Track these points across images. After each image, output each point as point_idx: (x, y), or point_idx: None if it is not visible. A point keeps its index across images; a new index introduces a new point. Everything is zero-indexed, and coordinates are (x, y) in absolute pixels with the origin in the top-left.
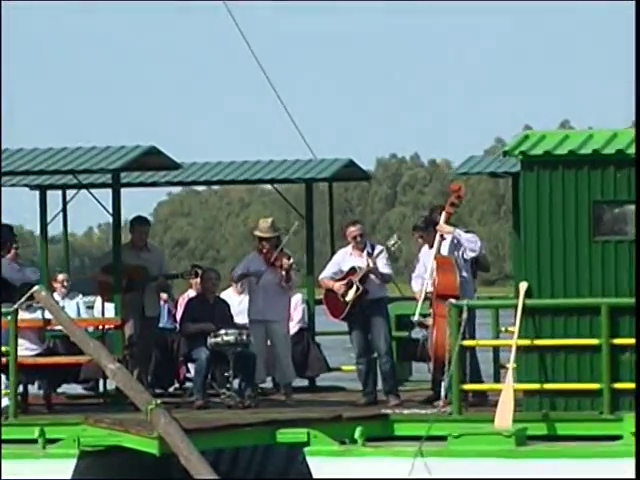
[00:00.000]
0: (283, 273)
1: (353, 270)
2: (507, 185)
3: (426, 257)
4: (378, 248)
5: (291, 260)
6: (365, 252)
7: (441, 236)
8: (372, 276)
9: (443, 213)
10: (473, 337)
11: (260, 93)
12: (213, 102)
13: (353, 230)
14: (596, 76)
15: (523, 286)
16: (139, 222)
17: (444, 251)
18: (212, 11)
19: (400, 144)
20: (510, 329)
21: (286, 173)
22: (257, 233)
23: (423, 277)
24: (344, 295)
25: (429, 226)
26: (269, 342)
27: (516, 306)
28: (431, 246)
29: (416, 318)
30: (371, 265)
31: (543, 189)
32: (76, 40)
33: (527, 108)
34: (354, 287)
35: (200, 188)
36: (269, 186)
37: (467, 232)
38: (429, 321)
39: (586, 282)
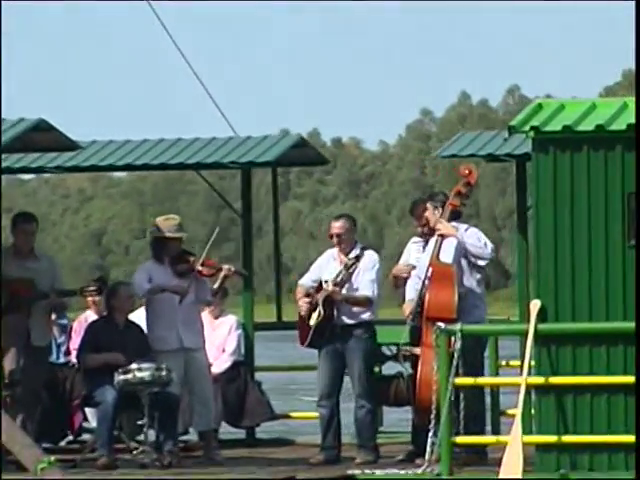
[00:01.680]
0: (216, 285)
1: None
2: (510, 171)
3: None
4: (367, 255)
5: (229, 266)
6: (346, 259)
7: (441, 235)
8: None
9: (446, 205)
10: (476, 372)
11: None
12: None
13: (333, 227)
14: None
15: (535, 306)
16: (23, 220)
17: (445, 256)
18: None
19: (295, 120)
20: (513, 363)
21: (216, 155)
22: (159, 234)
23: (420, 279)
24: (308, 317)
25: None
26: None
27: (525, 332)
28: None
29: (402, 345)
30: (330, 288)
31: (562, 177)
32: None
33: (465, 72)
34: (317, 309)
35: (27, 176)
36: (120, 174)
37: (467, 229)
38: (417, 350)
39: (618, 300)
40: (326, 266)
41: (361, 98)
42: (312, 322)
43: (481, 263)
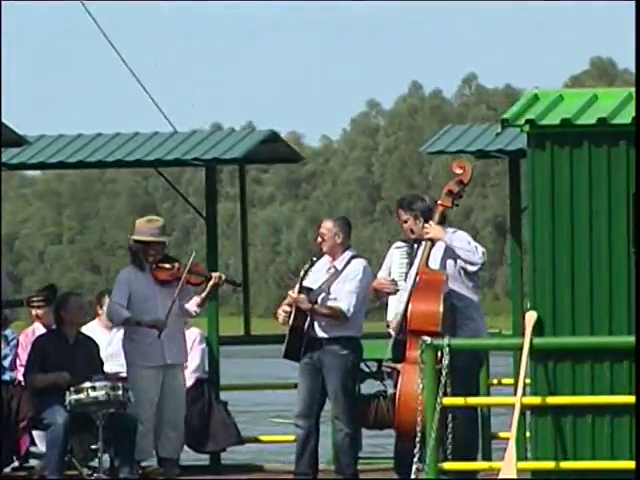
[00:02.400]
0: (196, 298)
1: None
2: (502, 169)
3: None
4: (353, 264)
5: (218, 273)
6: (333, 265)
7: (431, 239)
8: (319, 299)
9: (436, 205)
10: (472, 392)
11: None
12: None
13: (320, 229)
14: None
15: (531, 317)
16: None
17: (434, 263)
18: None
19: (228, 113)
20: (506, 381)
21: (177, 152)
22: (139, 237)
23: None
24: (285, 324)
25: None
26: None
27: (519, 347)
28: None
29: (386, 361)
30: (294, 295)
31: (560, 175)
32: None
33: (416, 60)
34: (291, 317)
35: None
36: (33, 172)
37: (455, 232)
38: (398, 366)
39: (622, 312)
40: (318, 271)
41: (301, 89)
42: (287, 331)
43: (471, 269)
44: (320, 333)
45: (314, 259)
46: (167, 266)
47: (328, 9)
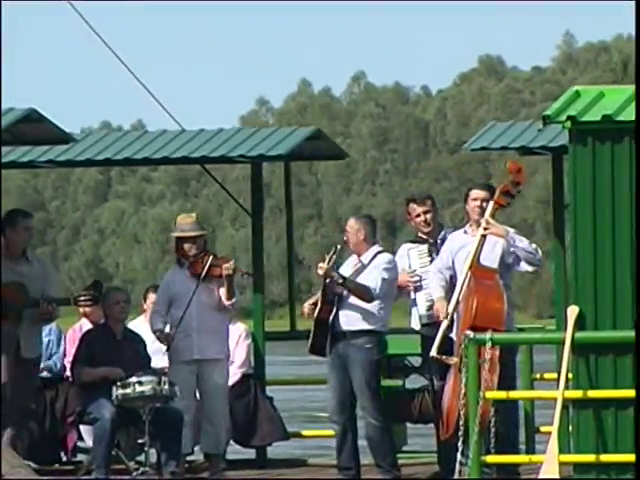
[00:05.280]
0: (222, 291)
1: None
2: (546, 166)
3: (457, 246)
4: (380, 257)
5: (232, 262)
6: (360, 260)
7: (483, 235)
8: (344, 292)
9: (490, 203)
10: (509, 384)
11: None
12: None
13: (347, 226)
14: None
15: (572, 312)
16: (24, 215)
17: (485, 259)
18: None
19: (118, 111)
20: (548, 375)
21: (222, 149)
22: (177, 234)
23: (444, 273)
24: (309, 316)
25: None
26: (197, 393)
27: (561, 341)
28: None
29: (434, 353)
30: (325, 266)
31: (601, 171)
32: None
33: (305, 58)
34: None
35: None
36: None
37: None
38: (453, 360)
39: None
40: (344, 269)
41: (189, 87)
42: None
43: (529, 269)
44: (345, 326)
45: (338, 247)
46: (199, 261)
47: (218, 6)
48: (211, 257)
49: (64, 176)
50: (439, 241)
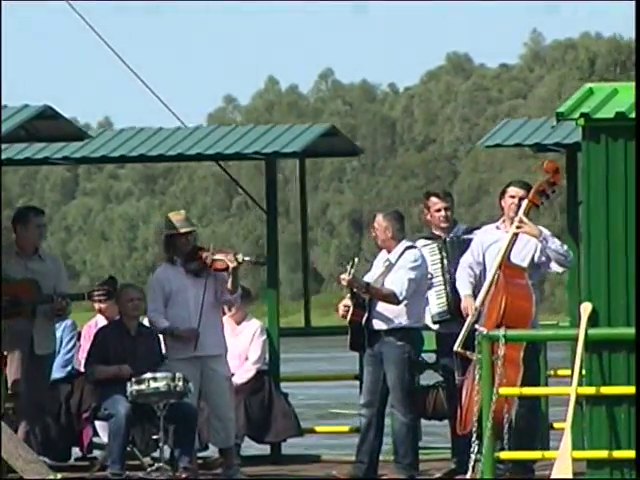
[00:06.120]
0: (228, 283)
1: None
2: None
3: (489, 241)
4: (407, 254)
5: (239, 255)
6: (388, 258)
7: (515, 233)
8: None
9: (524, 201)
10: (532, 383)
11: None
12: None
13: (374, 223)
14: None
15: (586, 309)
16: (35, 213)
17: (515, 258)
18: None
19: (84, 108)
20: (562, 372)
21: (237, 146)
22: (170, 231)
23: (474, 268)
24: (344, 317)
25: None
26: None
27: (575, 338)
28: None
29: (457, 347)
30: (347, 277)
31: (615, 167)
32: None
33: (272, 56)
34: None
35: None
36: None
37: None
38: (475, 356)
39: None
40: (374, 267)
41: (157, 84)
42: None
43: (559, 270)
44: (377, 326)
45: (356, 260)
46: (195, 256)
47: (185, 5)
48: (210, 251)
49: (31, 174)
50: (453, 237)
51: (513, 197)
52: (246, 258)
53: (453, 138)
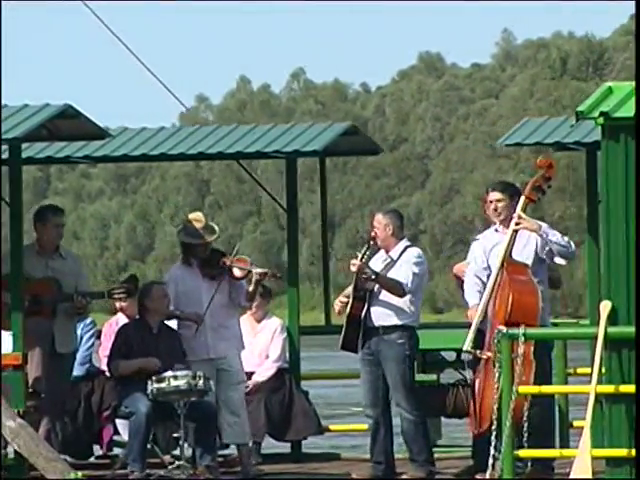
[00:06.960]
0: (250, 288)
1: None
2: (580, 161)
3: (491, 245)
4: (409, 251)
5: (258, 269)
6: (389, 256)
7: (515, 231)
8: (375, 288)
9: (522, 198)
10: (544, 380)
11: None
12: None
13: (374, 221)
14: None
15: (605, 307)
16: (54, 212)
17: (518, 255)
18: None
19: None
20: (581, 370)
21: (257, 144)
22: (192, 240)
23: (481, 275)
24: (341, 314)
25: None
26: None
27: (594, 336)
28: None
29: (466, 348)
30: (357, 263)
31: (634, 166)
32: None
33: (244, 55)
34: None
35: None
36: None
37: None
38: (486, 355)
39: None
40: (373, 264)
41: (129, 83)
42: (345, 316)
43: (563, 262)
44: (377, 322)
45: (371, 242)
46: (213, 261)
47: (156, 6)
48: (229, 259)
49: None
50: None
51: (491, 202)
52: (261, 271)
53: (425, 137)
